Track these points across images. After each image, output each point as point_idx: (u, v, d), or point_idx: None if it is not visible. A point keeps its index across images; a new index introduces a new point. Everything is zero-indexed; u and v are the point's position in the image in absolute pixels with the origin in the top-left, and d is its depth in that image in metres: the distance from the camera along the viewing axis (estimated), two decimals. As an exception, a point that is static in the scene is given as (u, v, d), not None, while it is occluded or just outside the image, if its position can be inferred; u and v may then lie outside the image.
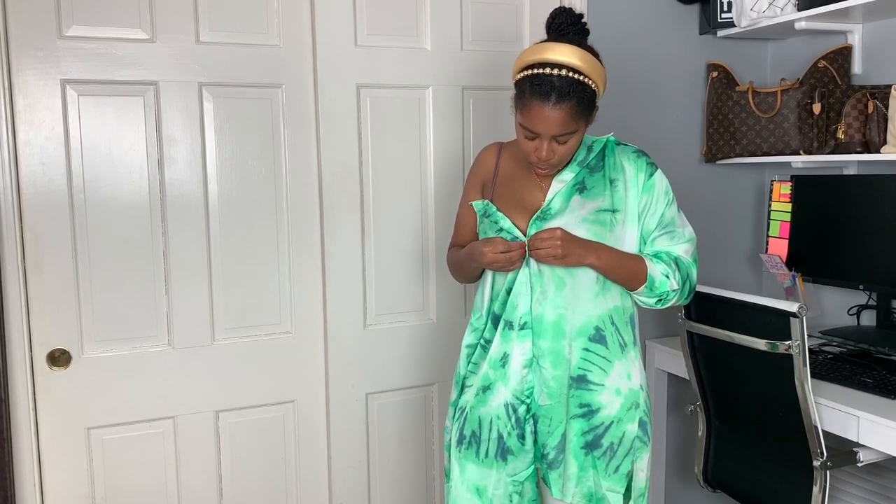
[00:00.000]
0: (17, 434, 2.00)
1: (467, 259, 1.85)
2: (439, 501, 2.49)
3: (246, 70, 2.16)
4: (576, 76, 1.62)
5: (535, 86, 1.62)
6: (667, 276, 1.74)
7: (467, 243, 1.91)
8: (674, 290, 1.75)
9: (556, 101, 1.61)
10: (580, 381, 1.75)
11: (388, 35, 2.28)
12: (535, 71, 1.63)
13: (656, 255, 1.77)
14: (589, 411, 1.75)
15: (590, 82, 1.64)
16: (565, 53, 1.62)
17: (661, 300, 1.77)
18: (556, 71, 1.61)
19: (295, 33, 2.20)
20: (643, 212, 1.77)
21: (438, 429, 2.47)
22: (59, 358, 2.04)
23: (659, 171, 1.80)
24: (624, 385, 1.77)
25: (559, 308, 1.74)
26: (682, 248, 1.78)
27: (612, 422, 1.76)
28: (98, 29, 2.00)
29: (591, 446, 1.76)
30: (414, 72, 2.32)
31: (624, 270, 1.73)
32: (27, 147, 1.97)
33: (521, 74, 1.67)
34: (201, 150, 2.13)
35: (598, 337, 1.75)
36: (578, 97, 1.62)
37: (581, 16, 1.71)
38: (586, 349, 1.75)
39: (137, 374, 2.12)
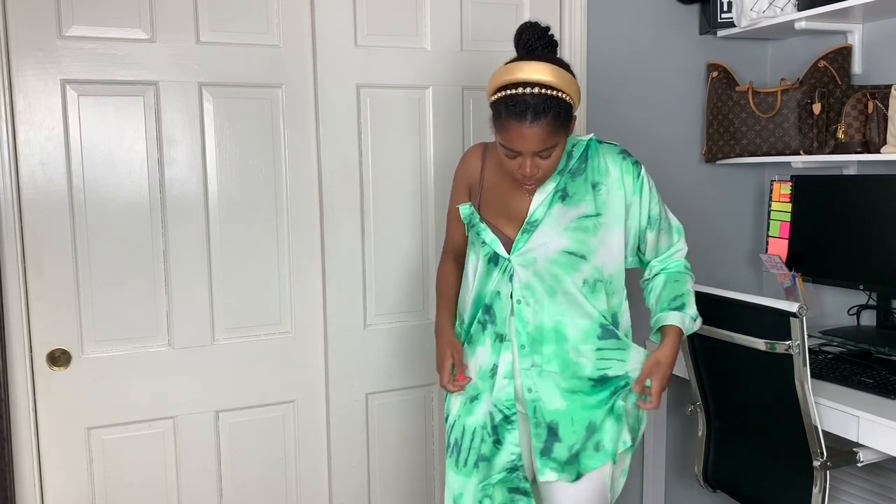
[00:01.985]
0: (17, 434, 2.00)
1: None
2: (439, 501, 2.49)
3: (246, 70, 2.16)
4: (549, 92, 1.62)
5: (510, 106, 1.63)
6: (694, 300, 1.86)
7: (459, 246, 1.97)
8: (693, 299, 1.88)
9: (533, 119, 1.61)
10: (603, 382, 1.80)
11: (388, 35, 2.29)
12: (509, 91, 1.64)
13: (675, 283, 1.86)
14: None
15: (564, 96, 1.64)
16: (536, 71, 1.63)
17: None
18: (528, 90, 1.62)
19: (295, 33, 2.20)
20: (636, 212, 1.82)
21: (438, 429, 2.47)
22: (59, 358, 2.04)
23: (643, 168, 1.83)
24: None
25: (556, 315, 1.78)
26: (682, 242, 1.90)
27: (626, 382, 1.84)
28: (98, 29, 2.01)
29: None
30: (414, 72, 2.32)
31: (682, 336, 1.84)
32: (27, 147, 1.97)
33: (496, 96, 1.67)
34: (201, 150, 2.13)
35: (606, 333, 1.80)
36: (554, 112, 1.63)
37: (548, 29, 1.71)
38: (600, 349, 1.79)
39: (137, 374, 2.12)
